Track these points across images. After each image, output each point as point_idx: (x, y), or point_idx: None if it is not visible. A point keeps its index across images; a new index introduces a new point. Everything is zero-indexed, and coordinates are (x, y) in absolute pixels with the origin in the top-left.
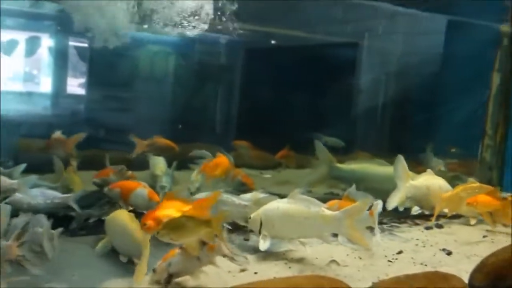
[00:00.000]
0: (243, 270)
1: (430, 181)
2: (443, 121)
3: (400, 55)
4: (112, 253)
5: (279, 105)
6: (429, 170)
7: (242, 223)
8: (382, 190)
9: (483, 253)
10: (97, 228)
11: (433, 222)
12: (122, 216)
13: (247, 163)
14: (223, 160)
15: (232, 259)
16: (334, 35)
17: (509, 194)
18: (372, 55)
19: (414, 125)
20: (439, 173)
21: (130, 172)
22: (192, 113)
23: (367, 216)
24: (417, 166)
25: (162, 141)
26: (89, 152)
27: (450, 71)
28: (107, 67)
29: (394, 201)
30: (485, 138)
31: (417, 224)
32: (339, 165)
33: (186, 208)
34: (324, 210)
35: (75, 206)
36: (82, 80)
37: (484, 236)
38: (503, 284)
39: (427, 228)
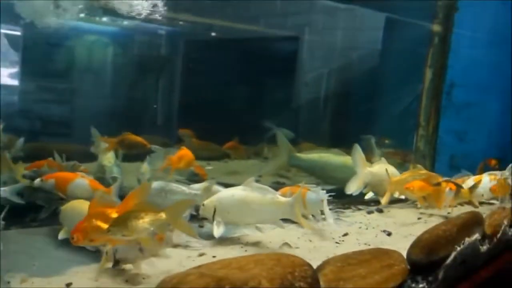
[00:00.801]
0: (201, 255)
1: (382, 168)
2: (382, 113)
3: (340, 50)
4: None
5: (222, 97)
6: (383, 159)
7: (193, 212)
8: (339, 178)
9: (418, 233)
10: (48, 219)
11: (384, 204)
12: (80, 205)
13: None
14: (186, 152)
15: (187, 246)
16: (275, 28)
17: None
18: (312, 49)
19: (354, 117)
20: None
21: (82, 167)
22: (133, 104)
23: (319, 202)
24: None
25: (133, 137)
26: (31, 145)
27: (387, 66)
28: (41, 57)
29: (353, 187)
30: (419, 128)
31: (359, 209)
32: (298, 154)
33: (114, 214)
34: (278, 197)
35: (14, 198)
36: (14, 70)
37: (418, 218)
38: (436, 256)
39: (369, 212)
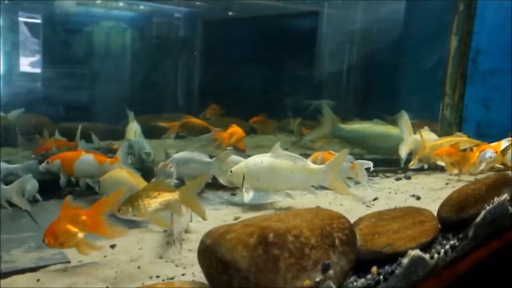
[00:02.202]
0: (236, 219)
1: (427, 136)
2: (407, 84)
3: (363, 22)
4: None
5: (244, 74)
6: (426, 127)
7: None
8: (380, 147)
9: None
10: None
11: (413, 165)
12: (118, 174)
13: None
14: (237, 129)
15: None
16: (295, 3)
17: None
18: (333, 23)
19: (379, 90)
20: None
21: (116, 145)
22: (156, 85)
23: (348, 169)
24: None
25: (195, 121)
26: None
27: (412, 36)
28: (61, 44)
29: (402, 152)
30: (445, 97)
31: (387, 177)
32: (341, 125)
33: (84, 217)
34: (309, 164)
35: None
36: (36, 58)
37: (446, 184)
38: (466, 213)
39: (397, 179)
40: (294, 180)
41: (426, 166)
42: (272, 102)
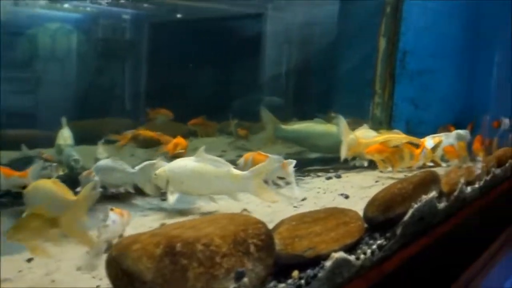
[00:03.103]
0: (163, 225)
1: (366, 134)
2: (340, 85)
3: (300, 26)
4: None
5: (185, 78)
6: (365, 125)
7: (130, 190)
8: (321, 146)
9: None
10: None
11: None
12: (44, 185)
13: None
14: (181, 140)
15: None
16: (239, 6)
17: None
18: (274, 25)
19: (314, 91)
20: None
21: (46, 154)
22: (99, 89)
23: (279, 168)
24: None
25: (145, 133)
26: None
27: (344, 39)
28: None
29: (343, 154)
30: (375, 96)
31: (319, 176)
32: (283, 126)
33: None
34: (233, 170)
35: None
36: None
37: (376, 181)
38: (392, 213)
39: (328, 178)
40: (218, 185)
41: (366, 164)
42: (214, 104)
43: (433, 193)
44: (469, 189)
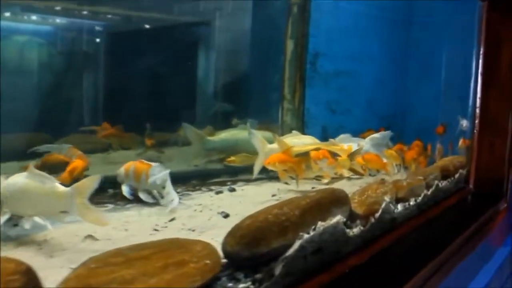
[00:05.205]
0: None
1: (296, 140)
2: (248, 91)
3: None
4: None
5: (135, 89)
6: (294, 131)
7: None
8: (251, 151)
9: None
10: None
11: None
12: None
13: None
14: (78, 164)
15: None
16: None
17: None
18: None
19: (224, 99)
20: None
21: None
22: (54, 102)
23: (162, 179)
24: None
25: (55, 157)
26: None
27: (251, 45)
28: None
29: (257, 165)
30: (284, 101)
31: (211, 190)
32: (210, 138)
33: None
34: (57, 186)
35: None
36: None
37: (273, 195)
38: (264, 247)
39: (217, 192)
40: (42, 205)
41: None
42: (137, 115)
43: (337, 218)
44: (399, 207)
